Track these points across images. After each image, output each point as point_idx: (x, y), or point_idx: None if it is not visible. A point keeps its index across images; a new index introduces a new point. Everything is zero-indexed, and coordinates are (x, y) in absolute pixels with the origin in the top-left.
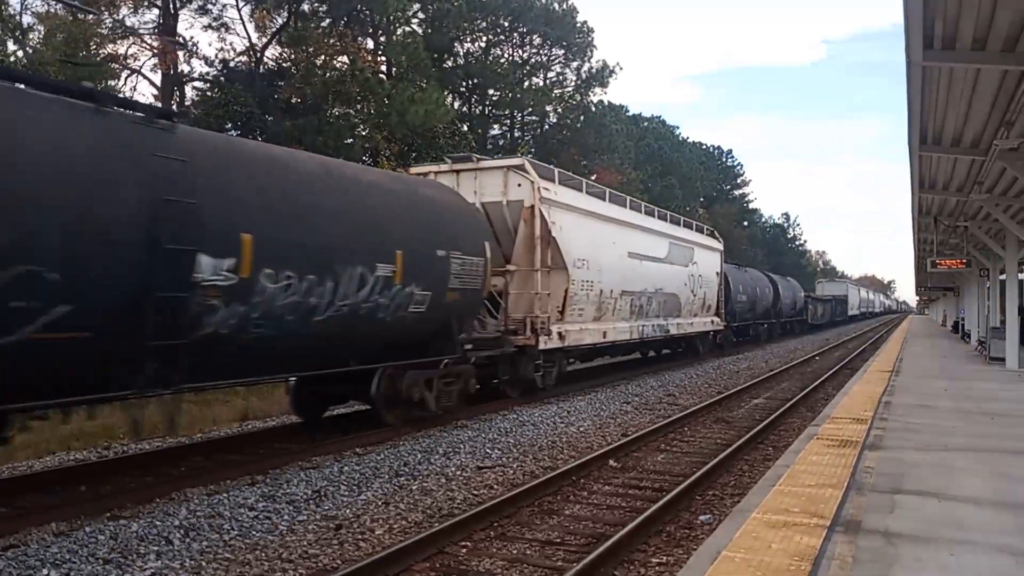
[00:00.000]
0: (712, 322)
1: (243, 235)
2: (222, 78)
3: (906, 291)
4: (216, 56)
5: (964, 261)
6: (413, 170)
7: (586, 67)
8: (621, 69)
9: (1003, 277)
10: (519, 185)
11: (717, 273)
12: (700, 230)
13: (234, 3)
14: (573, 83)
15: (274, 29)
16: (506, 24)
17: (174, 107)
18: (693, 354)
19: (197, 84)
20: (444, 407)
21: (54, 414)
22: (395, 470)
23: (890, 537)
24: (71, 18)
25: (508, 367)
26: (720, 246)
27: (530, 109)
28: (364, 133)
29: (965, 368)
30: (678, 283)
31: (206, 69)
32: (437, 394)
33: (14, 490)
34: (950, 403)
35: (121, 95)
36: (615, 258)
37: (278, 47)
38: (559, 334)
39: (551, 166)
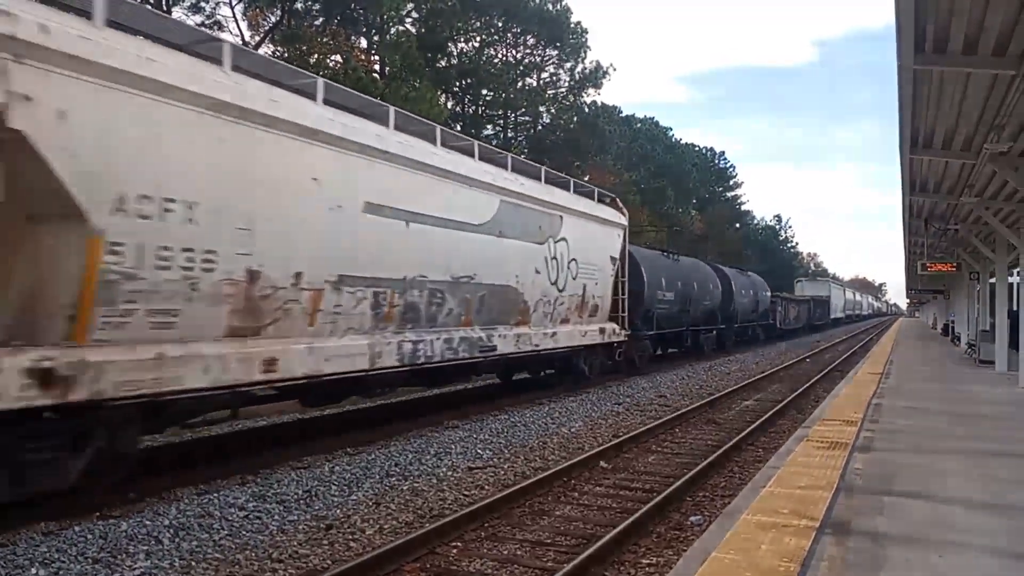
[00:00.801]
0: (602, 331)
1: None
2: None
3: (897, 294)
4: None
5: (954, 264)
6: None
7: (580, 68)
8: (615, 70)
9: (993, 280)
10: None
11: (613, 258)
12: (589, 195)
13: (227, 1)
14: (566, 84)
15: (267, 27)
16: (500, 24)
17: None
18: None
19: None
20: None
21: None
22: (386, 470)
23: (879, 538)
24: None
25: None
26: (623, 220)
27: (523, 109)
28: None
29: (955, 371)
30: (520, 269)
31: None
32: None
33: None
34: (940, 406)
35: None
36: (321, 212)
37: (271, 45)
38: (38, 373)
39: None
